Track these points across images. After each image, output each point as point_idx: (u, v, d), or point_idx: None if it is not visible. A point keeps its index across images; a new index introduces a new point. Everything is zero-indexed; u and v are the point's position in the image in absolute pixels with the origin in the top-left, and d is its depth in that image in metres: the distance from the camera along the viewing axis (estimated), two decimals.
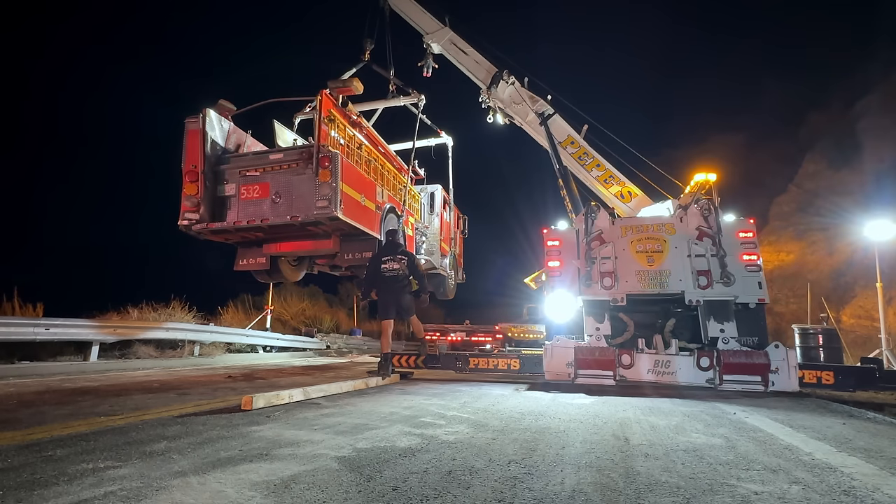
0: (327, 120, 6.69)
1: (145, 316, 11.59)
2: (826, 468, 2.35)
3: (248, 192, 6.76)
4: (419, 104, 9.23)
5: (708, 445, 2.80)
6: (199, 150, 6.70)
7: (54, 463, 2.20)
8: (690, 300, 6.21)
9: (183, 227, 6.72)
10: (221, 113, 7.17)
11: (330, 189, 6.28)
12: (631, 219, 7.27)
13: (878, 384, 6.04)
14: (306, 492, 1.84)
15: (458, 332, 15.05)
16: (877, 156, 16.72)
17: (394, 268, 6.69)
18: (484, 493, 1.85)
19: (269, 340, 14.24)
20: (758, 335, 6.11)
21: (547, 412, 3.95)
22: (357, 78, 7.72)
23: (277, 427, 3.11)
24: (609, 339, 6.31)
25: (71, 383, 5.54)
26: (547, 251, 6.96)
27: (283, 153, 6.89)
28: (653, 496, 1.86)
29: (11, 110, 38.11)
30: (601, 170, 8.42)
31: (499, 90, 9.02)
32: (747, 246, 6.34)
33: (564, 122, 8.82)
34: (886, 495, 1.94)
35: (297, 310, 20.45)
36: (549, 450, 2.61)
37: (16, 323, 7.95)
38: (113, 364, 8.52)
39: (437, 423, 3.35)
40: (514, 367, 7.04)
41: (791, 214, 19.50)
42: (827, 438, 3.10)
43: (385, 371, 6.44)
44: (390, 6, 9.64)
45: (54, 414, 3.51)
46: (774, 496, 1.89)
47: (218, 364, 9.57)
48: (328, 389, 4.93)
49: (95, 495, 1.77)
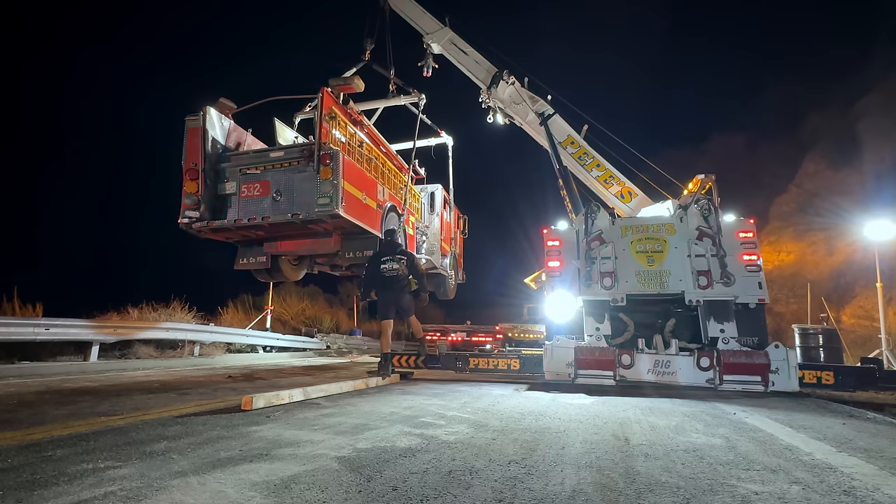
0: (328, 118, 6.66)
1: (145, 316, 11.58)
2: (826, 468, 2.35)
3: (249, 191, 6.75)
4: (419, 104, 9.23)
5: (708, 445, 2.80)
6: (200, 149, 6.69)
7: (54, 463, 2.20)
8: (690, 300, 6.21)
9: (183, 225, 6.70)
10: (222, 111, 7.15)
11: (331, 186, 6.27)
12: (631, 219, 7.26)
13: (878, 384, 6.04)
14: (306, 492, 1.84)
15: (458, 332, 15.17)
16: (877, 156, 16.73)
17: (393, 268, 6.67)
18: (484, 493, 1.85)
19: (269, 340, 14.24)
20: (758, 335, 6.10)
21: (547, 412, 3.95)
22: (358, 76, 7.71)
23: (277, 427, 3.11)
24: (609, 339, 6.30)
25: (71, 383, 5.54)
26: (547, 251, 6.95)
27: (284, 151, 6.87)
28: (653, 496, 1.86)
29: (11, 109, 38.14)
30: (601, 170, 8.42)
31: (499, 90, 9.01)
32: (747, 246, 6.33)
33: (564, 122, 8.81)
34: (886, 495, 1.94)
35: (297, 310, 20.43)
36: (549, 450, 2.61)
37: (16, 323, 7.95)
38: (113, 364, 8.52)
39: (437, 423, 3.35)
40: (514, 368, 7.04)
41: (791, 214, 19.50)
42: (827, 438, 3.10)
43: (385, 371, 6.44)
44: (390, 6, 9.63)
45: (54, 414, 3.51)
46: (774, 496, 1.89)
47: (218, 364, 9.57)
48: (328, 389, 4.93)
49: (95, 495, 1.77)
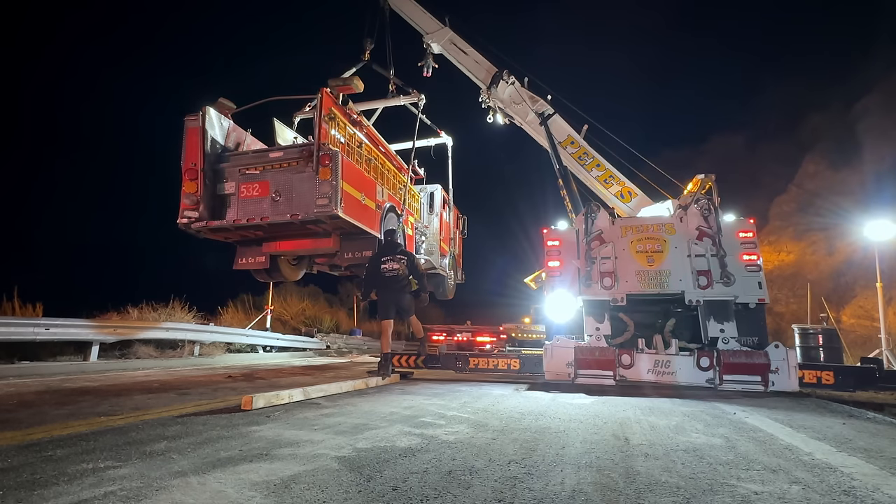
0: (328, 118, 6.66)
1: (145, 316, 11.59)
2: (826, 468, 2.35)
3: (248, 191, 6.75)
4: (419, 104, 9.22)
5: (708, 445, 2.80)
6: (199, 149, 6.69)
7: (54, 463, 2.20)
8: (690, 300, 6.21)
9: (182, 225, 6.70)
10: (221, 111, 7.15)
11: (330, 187, 6.27)
12: (631, 219, 7.26)
13: (878, 384, 6.04)
14: (306, 492, 1.84)
15: (463, 332, 15.51)
16: (877, 156, 16.73)
17: (393, 268, 6.66)
18: (484, 493, 1.85)
19: (269, 340, 14.24)
20: (758, 335, 6.11)
21: (547, 412, 3.95)
22: (357, 76, 7.71)
23: (277, 427, 3.11)
24: (609, 339, 6.30)
25: (71, 383, 5.54)
26: (547, 251, 6.95)
27: (284, 151, 6.87)
28: (653, 496, 1.86)
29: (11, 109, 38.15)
30: (601, 170, 8.42)
31: (499, 90, 9.00)
32: (747, 246, 6.33)
33: (564, 122, 8.81)
34: (886, 495, 1.94)
35: (297, 310, 20.44)
36: (549, 450, 2.61)
37: (16, 323, 7.95)
38: (113, 364, 8.51)
39: (437, 423, 3.35)
40: (514, 367, 7.04)
41: (791, 214, 19.51)
42: (827, 438, 3.10)
43: (385, 371, 6.43)
44: (390, 6, 9.63)
45: (54, 414, 3.51)
46: (774, 496, 1.89)
47: (218, 364, 9.57)
48: (328, 389, 4.93)
49: (95, 495, 1.77)
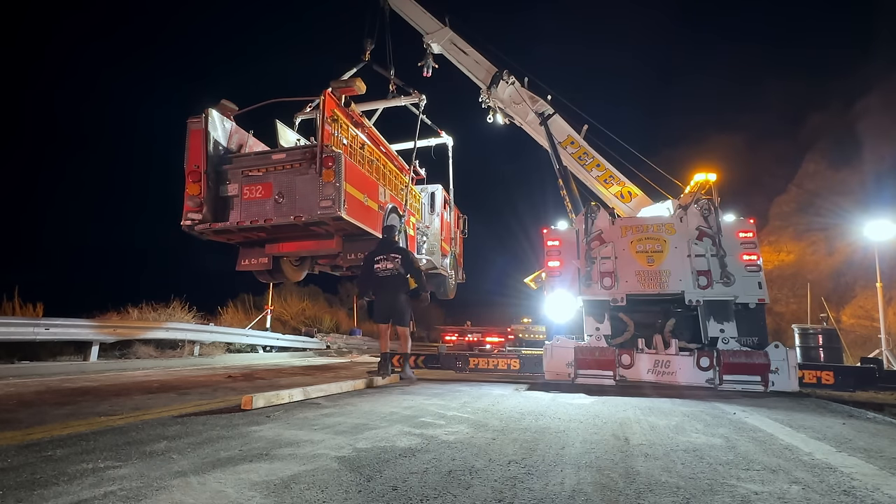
0: (330, 120, 6.67)
1: (145, 316, 11.58)
2: (826, 468, 2.35)
3: (251, 192, 6.76)
4: (420, 104, 9.23)
5: (708, 445, 2.80)
6: (202, 151, 6.70)
7: (54, 463, 2.20)
8: (690, 300, 6.21)
9: (186, 227, 6.72)
10: (224, 113, 7.16)
11: (333, 189, 6.28)
12: (631, 219, 7.26)
13: (878, 384, 6.04)
14: (306, 492, 1.84)
15: (474, 333, 18.17)
16: (877, 156, 16.72)
17: (387, 267, 6.56)
18: (484, 493, 1.85)
19: (269, 340, 14.23)
20: (758, 335, 6.11)
21: (547, 412, 3.95)
22: (359, 77, 7.72)
23: (277, 427, 3.11)
24: (609, 339, 6.30)
25: (71, 383, 5.54)
26: (547, 251, 6.95)
27: (286, 153, 6.88)
28: (653, 496, 1.86)
29: (11, 109, 38.17)
30: (601, 170, 8.42)
31: (499, 90, 9.01)
32: (747, 246, 6.33)
33: (564, 122, 8.81)
34: (886, 495, 1.94)
35: (297, 310, 20.44)
36: (549, 450, 2.61)
37: (16, 323, 7.94)
38: (113, 364, 8.51)
39: (437, 423, 3.35)
40: (514, 367, 7.04)
41: (791, 214, 19.50)
42: (827, 438, 3.10)
43: (385, 371, 6.43)
44: (390, 6, 9.64)
45: (54, 414, 3.51)
46: (774, 496, 1.89)
47: (218, 364, 9.57)
48: (328, 389, 4.93)
49: (95, 495, 1.77)
